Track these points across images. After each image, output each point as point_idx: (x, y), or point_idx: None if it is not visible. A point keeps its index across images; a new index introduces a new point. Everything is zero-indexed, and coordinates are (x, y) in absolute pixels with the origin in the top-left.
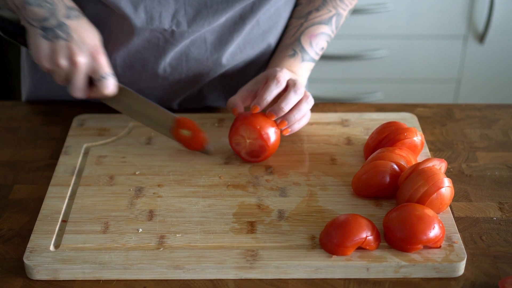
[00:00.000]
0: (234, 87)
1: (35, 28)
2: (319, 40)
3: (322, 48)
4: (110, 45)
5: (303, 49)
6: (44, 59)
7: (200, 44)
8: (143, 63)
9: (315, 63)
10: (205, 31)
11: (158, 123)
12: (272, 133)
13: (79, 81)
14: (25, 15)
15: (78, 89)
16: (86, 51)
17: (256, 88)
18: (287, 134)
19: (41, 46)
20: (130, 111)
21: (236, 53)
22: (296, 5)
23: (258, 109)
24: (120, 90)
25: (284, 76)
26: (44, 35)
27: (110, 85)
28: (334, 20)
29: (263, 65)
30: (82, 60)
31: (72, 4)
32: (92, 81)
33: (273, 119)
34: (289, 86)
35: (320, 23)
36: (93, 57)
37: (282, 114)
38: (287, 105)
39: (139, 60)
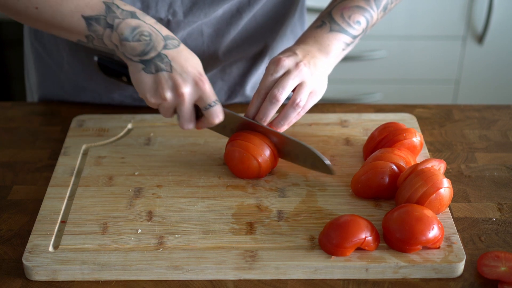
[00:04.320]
0: (234, 83)
1: (136, 63)
2: (353, 12)
3: (358, 22)
4: None
5: (332, 20)
6: (148, 93)
7: (197, 37)
8: None
9: (353, 38)
10: (202, 23)
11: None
12: (265, 158)
13: (187, 112)
14: (124, 51)
15: (187, 120)
16: (189, 80)
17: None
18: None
19: (143, 80)
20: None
21: (233, 47)
22: None
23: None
24: (226, 115)
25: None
26: (145, 69)
27: (218, 113)
28: None
29: (262, 63)
30: (187, 90)
31: (169, 33)
32: (199, 110)
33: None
34: (290, 100)
35: None
36: (197, 86)
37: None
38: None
39: None
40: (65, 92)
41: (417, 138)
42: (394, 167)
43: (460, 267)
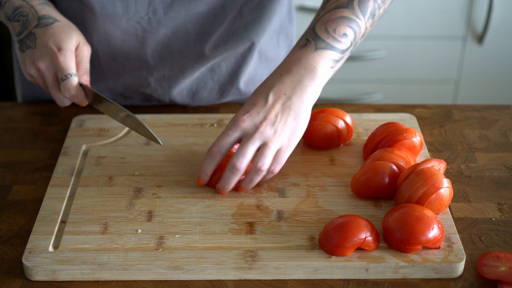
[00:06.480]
0: (225, 82)
1: (16, 43)
2: (337, 25)
3: (345, 35)
4: (88, 38)
5: (316, 37)
6: (23, 70)
7: (182, 35)
8: (125, 55)
9: (341, 53)
10: (187, 21)
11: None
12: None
13: (50, 86)
14: (11, 31)
15: (53, 94)
16: (47, 55)
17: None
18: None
19: (19, 58)
20: (113, 115)
21: (219, 44)
22: None
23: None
24: (94, 95)
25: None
26: (20, 48)
27: (68, 87)
28: (356, 3)
29: (251, 60)
30: (43, 64)
31: (48, 12)
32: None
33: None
34: (252, 165)
35: (337, 7)
36: (52, 60)
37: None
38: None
39: (120, 52)
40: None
41: (417, 138)
42: (394, 167)
43: (460, 267)
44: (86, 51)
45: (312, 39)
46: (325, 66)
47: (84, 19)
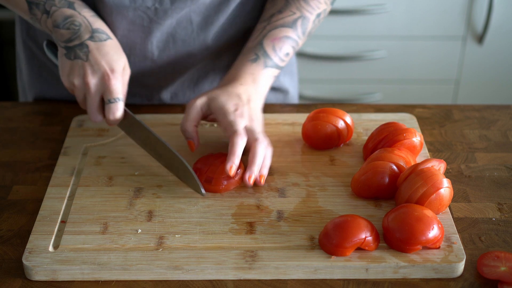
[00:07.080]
0: (225, 73)
1: (61, 48)
2: (283, 44)
3: (287, 54)
4: None
5: (265, 54)
6: (63, 77)
7: (186, 25)
8: (130, 45)
9: (280, 70)
10: (191, 11)
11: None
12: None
13: (92, 102)
14: (55, 36)
15: (91, 110)
16: (99, 73)
17: (207, 113)
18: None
19: (63, 64)
20: (144, 144)
21: (222, 34)
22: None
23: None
24: (134, 122)
25: (241, 140)
26: (66, 54)
27: (115, 111)
28: (299, 23)
29: None
30: (93, 81)
31: (101, 27)
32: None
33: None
34: (253, 143)
35: (283, 26)
36: (103, 80)
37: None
38: (260, 160)
39: (126, 43)
40: (62, 88)
41: (417, 138)
42: (394, 167)
43: (460, 267)
44: (128, 75)
45: (261, 55)
46: (269, 82)
47: (95, 10)
